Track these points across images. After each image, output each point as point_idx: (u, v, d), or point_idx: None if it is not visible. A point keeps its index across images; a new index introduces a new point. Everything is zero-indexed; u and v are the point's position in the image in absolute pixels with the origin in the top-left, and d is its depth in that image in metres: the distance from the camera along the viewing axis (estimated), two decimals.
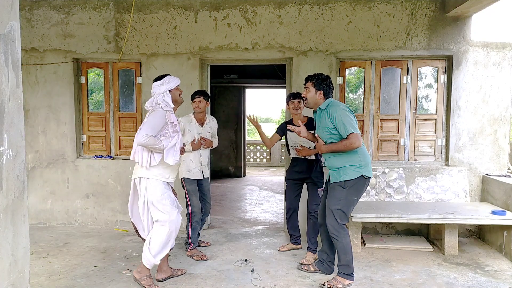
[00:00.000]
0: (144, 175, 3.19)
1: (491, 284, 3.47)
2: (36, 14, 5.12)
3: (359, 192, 3.35)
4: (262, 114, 44.83)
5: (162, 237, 3.19)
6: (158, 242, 3.19)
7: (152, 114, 3.18)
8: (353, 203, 3.36)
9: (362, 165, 3.29)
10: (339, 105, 3.33)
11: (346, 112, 3.26)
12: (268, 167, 12.18)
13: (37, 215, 5.26)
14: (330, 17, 4.81)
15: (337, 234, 3.33)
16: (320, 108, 3.42)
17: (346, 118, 3.22)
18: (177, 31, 4.98)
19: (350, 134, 3.19)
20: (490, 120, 4.73)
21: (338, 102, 3.44)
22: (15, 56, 2.12)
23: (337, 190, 3.33)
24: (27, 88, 5.09)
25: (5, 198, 2.03)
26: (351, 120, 3.23)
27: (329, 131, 3.31)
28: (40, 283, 3.42)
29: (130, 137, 5.24)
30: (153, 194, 3.18)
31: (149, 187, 3.19)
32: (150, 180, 3.19)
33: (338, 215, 3.31)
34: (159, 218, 3.18)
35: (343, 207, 3.31)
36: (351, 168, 3.28)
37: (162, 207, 3.18)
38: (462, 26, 4.69)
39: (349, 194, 3.30)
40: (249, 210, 6.34)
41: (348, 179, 3.28)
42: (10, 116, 2.06)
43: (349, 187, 3.29)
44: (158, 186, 3.20)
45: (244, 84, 9.62)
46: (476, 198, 4.78)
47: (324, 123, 3.36)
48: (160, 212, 3.18)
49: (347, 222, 3.40)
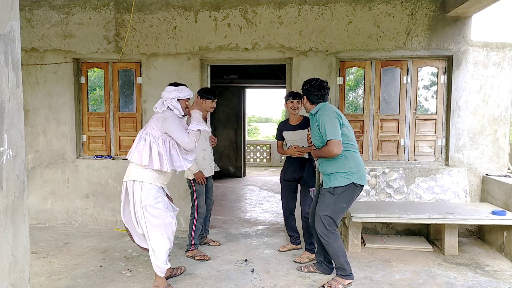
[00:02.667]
0: (139, 179, 3.13)
1: (491, 284, 3.47)
2: (36, 14, 5.12)
3: (349, 199, 3.32)
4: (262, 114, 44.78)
5: (164, 243, 3.16)
6: (162, 248, 3.15)
7: (169, 121, 3.14)
8: (342, 210, 3.34)
9: (353, 172, 3.25)
10: (327, 110, 3.30)
11: (330, 117, 3.22)
12: (268, 167, 12.18)
13: (37, 215, 5.26)
14: (330, 17, 4.81)
15: (327, 239, 3.32)
16: (311, 113, 3.44)
17: (329, 124, 3.19)
18: (177, 31, 4.98)
19: (328, 141, 3.17)
20: (490, 120, 4.73)
21: (329, 106, 3.38)
22: (15, 56, 2.12)
23: (326, 196, 3.32)
24: (27, 88, 5.09)
25: (5, 198, 2.03)
26: (332, 126, 3.18)
27: (319, 135, 3.31)
28: (40, 283, 3.42)
29: (130, 137, 5.25)
30: (147, 198, 3.12)
31: (144, 191, 3.12)
32: (145, 184, 3.12)
33: (327, 221, 3.30)
34: (154, 223, 3.12)
35: (331, 214, 3.29)
36: (341, 175, 3.25)
37: (156, 211, 3.12)
38: (462, 26, 4.69)
39: (338, 201, 3.28)
40: (249, 210, 6.34)
41: (338, 186, 3.26)
42: (10, 116, 2.06)
43: (338, 194, 3.27)
44: (152, 190, 3.14)
45: (244, 84, 9.61)
46: (476, 198, 4.78)
47: (314, 128, 3.37)
48: (153, 216, 3.12)
49: (336, 228, 3.38)
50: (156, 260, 3.16)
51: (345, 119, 3.35)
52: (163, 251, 3.16)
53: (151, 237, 3.15)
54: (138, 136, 3.22)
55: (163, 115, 3.21)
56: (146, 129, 3.22)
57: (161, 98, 3.32)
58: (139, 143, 3.16)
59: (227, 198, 7.33)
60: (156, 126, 3.16)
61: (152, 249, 3.17)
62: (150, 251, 3.18)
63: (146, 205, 3.11)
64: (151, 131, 3.17)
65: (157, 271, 3.21)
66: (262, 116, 44.66)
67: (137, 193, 3.13)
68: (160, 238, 3.15)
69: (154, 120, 3.21)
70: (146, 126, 3.26)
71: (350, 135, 3.33)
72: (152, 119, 3.25)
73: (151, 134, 3.16)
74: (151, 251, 3.18)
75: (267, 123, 40.20)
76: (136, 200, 3.14)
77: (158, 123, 3.16)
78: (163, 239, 3.15)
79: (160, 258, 3.16)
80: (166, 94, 3.29)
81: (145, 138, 3.16)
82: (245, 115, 10.36)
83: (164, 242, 3.16)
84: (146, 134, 3.18)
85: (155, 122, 3.18)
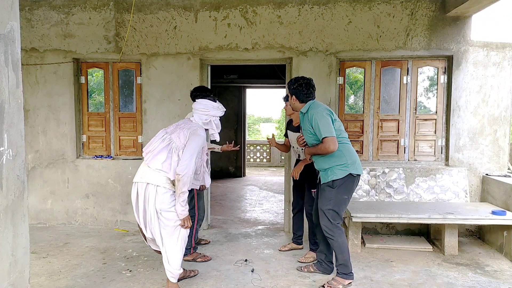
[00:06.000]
0: (153, 182, 3.02)
1: (491, 284, 3.47)
2: (36, 14, 5.12)
3: (349, 190, 3.35)
4: (262, 114, 44.70)
5: (178, 247, 3.08)
6: (176, 253, 3.08)
7: (195, 140, 3.05)
8: (344, 202, 3.36)
9: (349, 164, 3.29)
10: (318, 107, 3.32)
11: (323, 114, 3.24)
12: (268, 167, 12.18)
13: (37, 215, 5.26)
14: (330, 17, 4.81)
15: (332, 234, 3.33)
16: (301, 111, 3.45)
17: (322, 121, 3.21)
18: (177, 31, 4.98)
19: (324, 138, 3.19)
20: (490, 120, 4.73)
21: (318, 103, 3.40)
22: (15, 56, 2.12)
23: (327, 191, 3.34)
24: (27, 88, 5.09)
25: (5, 198, 2.03)
26: (326, 123, 3.20)
27: (312, 133, 3.32)
28: (40, 283, 3.42)
29: (130, 137, 5.26)
30: (162, 202, 3.03)
31: (158, 195, 3.03)
32: (160, 188, 3.03)
33: (331, 215, 3.32)
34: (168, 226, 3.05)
35: (334, 207, 3.31)
36: (338, 168, 3.28)
37: (171, 215, 3.04)
38: (462, 26, 4.69)
39: (338, 193, 3.30)
40: (249, 210, 6.34)
41: (336, 179, 3.28)
42: (10, 116, 2.06)
43: (338, 187, 3.29)
44: (167, 194, 3.05)
45: (244, 84, 9.62)
46: (476, 198, 4.78)
47: (306, 126, 3.38)
48: (168, 220, 3.04)
49: (341, 222, 3.39)
50: (169, 266, 3.07)
51: (335, 114, 3.39)
52: (177, 256, 3.08)
53: (165, 242, 3.06)
54: (160, 139, 3.11)
55: (197, 130, 3.12)
56: (171, 135, 3.11)
57: (203, 111, 3.24)
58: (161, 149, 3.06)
59: (227, 198, 7.33)
60: (184, 137, 3.07)
61: (166, 254, 3.07)
62: (165, 259, 3.08)
63: (161, 210, 3.02)
64: (175, 139, 3.08)
65: (169, 277, 3.12)
66: (262, 116, 44.61)
67: (152, 197, 3.03)
68: (175, 243, 3.07)
69: (184, 129, 3.12)
70: (171, 130, 3.16)
71: (341, 128, 3.39)
72: (182, 128, 3.14)
73: (174, 142, 3.07)
74: (164, 256, 3.08)
75: (267, 123, 40.15)
76: (150, 203, 3.04)
77: (187, 134, 3.07)
78: (177, 243, 3.07)
79: (174, 264, 3.07)
80: (212, 111, 3.25)
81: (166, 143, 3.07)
82: (245, 115, 10.36)
83: (179, 247, 3.08)
84: (168, 140, 3.08)
85: (184, 133, 3.09)
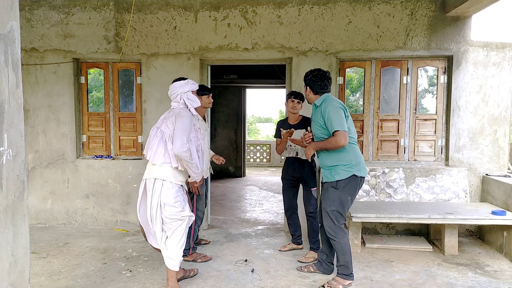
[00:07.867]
0: (160, 177, 3.07)
1: (491, 284, 3.47)
2: (36, 14, 5.12)
3: (352, 191, 3.33)
4: (262, 114, 44.78)
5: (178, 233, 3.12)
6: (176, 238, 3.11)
7: (181, 120, 3.07)
8: (347, 203, 3.35)
9: (353, 165, 3.27)
10: (332, 101, 3.31)
11: (336, 108, 3.22)
12: (268, 167, 12.18)
13: (37, 215, 5.26)
14: (330, 17, 4.81)
15: (335, 235, 3.32)
16: (315, 103, 3.44)
17: (335, 115, 3.19)
18: (177, 31, 4.98)
19: (335, 132, 3.17)
20: (490, 120, 4.73)
21: (333, 98, 3.39)
22: (15, 56, 2.11)
23: (330, 191, 3.32)
24: (27, 88, 5.09)
25: (5, 198, 2.03)
26: (339, 117, 3.18)
27: (321, 126, 3.31)
28: (40, 283, 3.42)
29: (130, 137, 5.25)
30: (167, 196, 3.08)
31: (164, 189, 3.08)
32: (166, 182, 3.08)
33: (334, 216, 3.31)
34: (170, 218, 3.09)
35: (338, 208, 3.30)
36: (342, 168, 3.26)
37: (174, 209, 3.08)
38: (462, 26, 4.69)
39: (342, 194, 3.29)
40: (249, 210, 6.34)
41: (340, 179, 3.27)
42: (10, 116, 2.06)
43: (342, 188, 3.28)
44: (172, 189, 3.10)
45: (244, 84, 9.62)
46: (476, 198, 4.78)
47: (317, 118, 3.36)
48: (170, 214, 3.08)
49: (344, 222, 3.39)
50: (169, 252, 3.10)
51: (348, 112, 3.36)
52: (177, 241, 3.11)
53: (167, 228, 3.12)
54: (154, 135, 3.15)
55: (180, 112, 3.14)
56: (160, 128, 3.14)
57: (173, 94, 3.25)
58: (158, 144, 3.10)
59: (227, 198, 7.32)
60: (172, 123, 3.10)
61: (165, 241, 3.11)
62: (162, 245, 3.12)
63: (165, 203, 3.07)
64: (165, 129, 3.11)
65: (169, 265, 3.12)
66: (262, 116, 44.66)
67: (157, 191, 3.09)
68: (176, 228, 3.11)
69: (170, 118, 3.14)
70: (159, 124, 3.19)
71: (351, 128, 3.35)
72: (168, 117, 3.16)
73: (166, 133, 3.10)
74: (163, 245, 3.12)
75: (267, 123, 40.21)
76: (154, 197, 3.09)
77: (173, 119, 3.11)
78: (179, 229, 3.11)
79: (173, 250, 3.09)
80: (179, 89, 3.22)
81: (159, 136, 3.10)
82: (245, 115, 10.36)
83: (179, 232, 3.12)
84: (160, 133, 3.12)
85: (171, 121, 3.12)
